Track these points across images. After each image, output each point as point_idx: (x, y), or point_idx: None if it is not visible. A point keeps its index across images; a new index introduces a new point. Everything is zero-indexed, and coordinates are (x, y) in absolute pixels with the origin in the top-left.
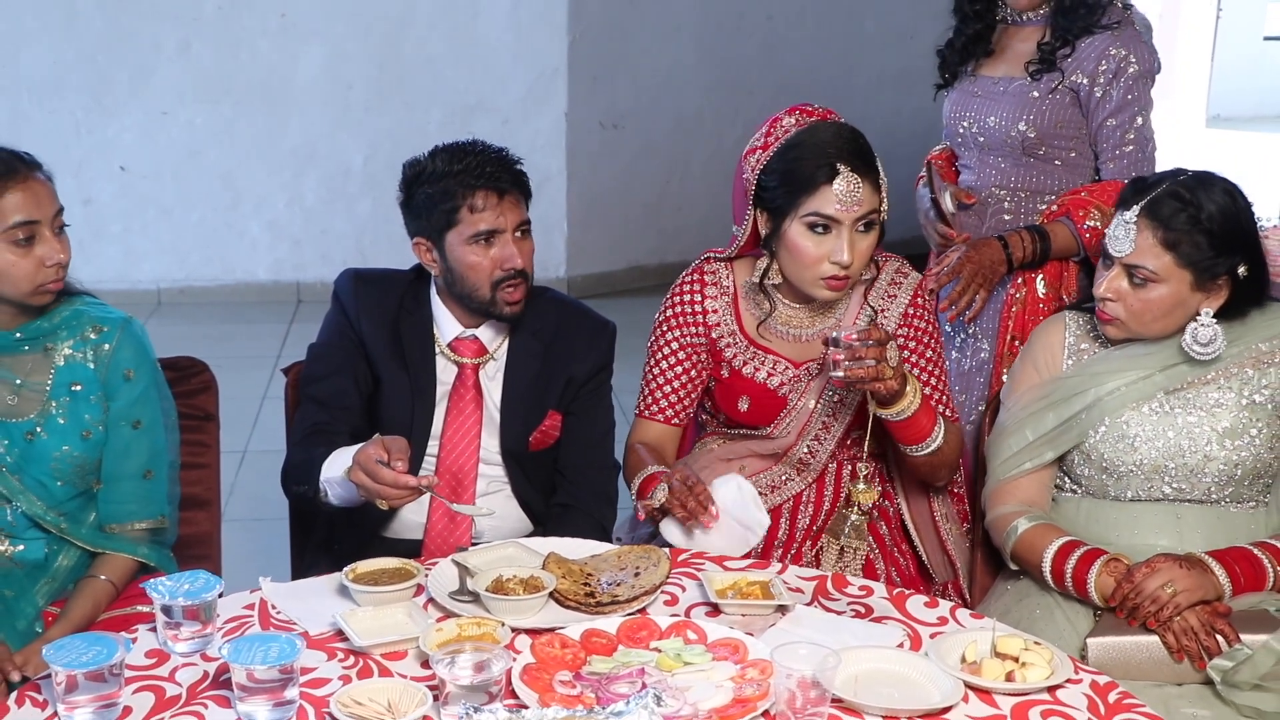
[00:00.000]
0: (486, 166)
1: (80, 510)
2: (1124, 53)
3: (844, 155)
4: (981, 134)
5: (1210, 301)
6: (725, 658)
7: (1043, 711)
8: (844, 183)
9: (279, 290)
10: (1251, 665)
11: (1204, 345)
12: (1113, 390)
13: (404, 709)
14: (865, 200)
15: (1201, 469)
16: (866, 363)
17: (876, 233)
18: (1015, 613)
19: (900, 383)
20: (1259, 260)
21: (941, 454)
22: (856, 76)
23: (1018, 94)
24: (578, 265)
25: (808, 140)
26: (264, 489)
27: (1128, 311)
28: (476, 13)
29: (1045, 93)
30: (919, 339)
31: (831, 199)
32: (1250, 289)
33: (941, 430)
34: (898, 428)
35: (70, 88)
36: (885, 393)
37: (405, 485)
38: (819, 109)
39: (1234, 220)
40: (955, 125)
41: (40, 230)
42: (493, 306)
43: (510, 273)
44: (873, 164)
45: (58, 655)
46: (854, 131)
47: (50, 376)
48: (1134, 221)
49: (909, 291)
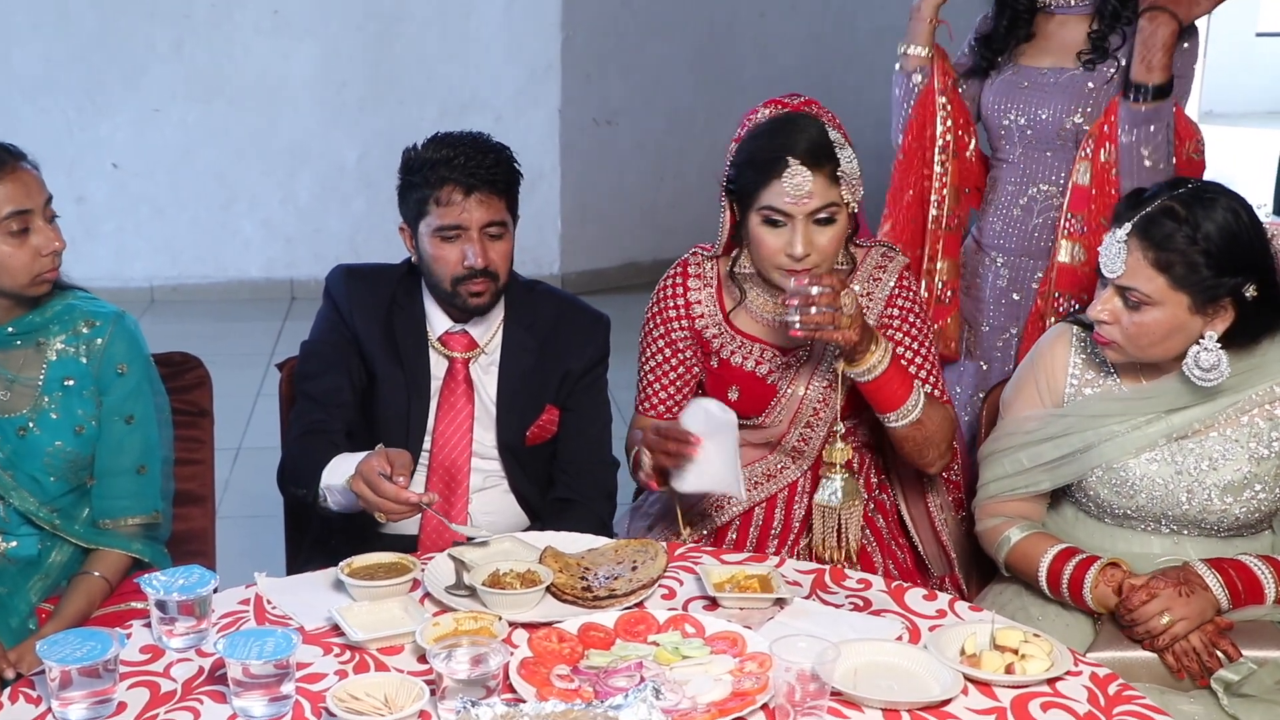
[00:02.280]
0: (460, 159)
1: (73, 506)
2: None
3: (794, 149)
4: (1031, 127)
5: (1214, 325)
6: (724, 651)
7: (1042, 704)
8: (793, 176)
9: (272, 288)
10: (1256, 680)
11: (1206, 371)
12: (1111, 436)
13: (401, 704)
14: (817, 194)
15: (1201, 518)
16: (821, 309)
17: (840, 225)
18: (1012, 607)
19: (859, 334)
20: (1271, 281)
21: (924, 428)
22: (849, 74)
23: (1070, 85)
24: (571, 262)
25: (767, 132)
26: (259, 485)
27: (1124, 335)
28: (469, 10)
29: (1100, 83)
30: (904, 319)
31: (782, 192)
32: (1260, 312)
33: (920, 401)
34: (870, 391)
35: (63, 86)
36: (844, 343)
37: (406, 501)
38: (797, 100)
39: (1236, 239)
40: (998, 119)
41: (33, 219)
42: (455, 299)
43: (470, 271)
44: (828, 157)
45: (52, 651)
46: (812, 123)
47: (43, 371)
48: (1124, 241)
49: (894, 275)
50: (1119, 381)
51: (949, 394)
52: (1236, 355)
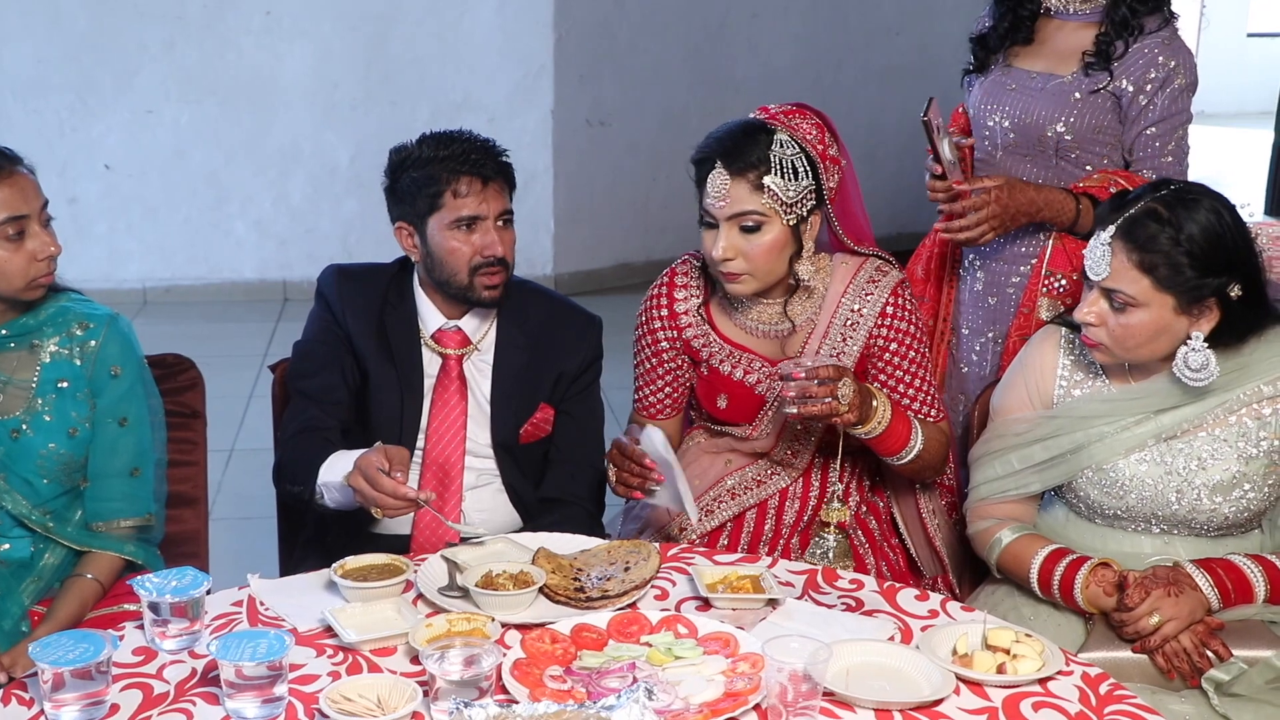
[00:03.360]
0: (472, 154)
1: (66, 509)
2: (1174, 63)
3: (719, 152)
4: (1014, 130)
5: (1199, 325)
6: (716, 652)
7: (1034, 703)
8: (714, 179)
9: (265, 289)
10: (1246, 679)
11: (1195, 371)
12: (1101, 436)
13: (394, 705)
14: (736, 199)
15: (1190, 518)
16: (819, 401)
17: (772, 237)
18: (1004, 607)
19: (859, 413)
20: (1255, 281)
21: (922, 459)
22: (841, 73)
23: (1057, 93)
24: (564, 262)
25: (712, 136)
26: (252, 487)
27: (1110, 336)
28: (463, 11)
29: (1086, 94)
30: (900, 340)
31: (706, 193)
32: (1245, 311)
33: (919, 438)
34: (872, 443)
35: (55, 87)
36: (843, 425)
37: (404, 496)
38: (786, 107)
39: (1219, 240)
40: (984, 119)
41: (29, 224)
42: (470, 291)
43: (489, 260)
44: (754, 165)
45: (44, 653)
46: (743, 129)
47: (36, 373)
48: (1109, 243)
49: (887, 289)
50: (1108, 382)
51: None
52: (1223, 355)
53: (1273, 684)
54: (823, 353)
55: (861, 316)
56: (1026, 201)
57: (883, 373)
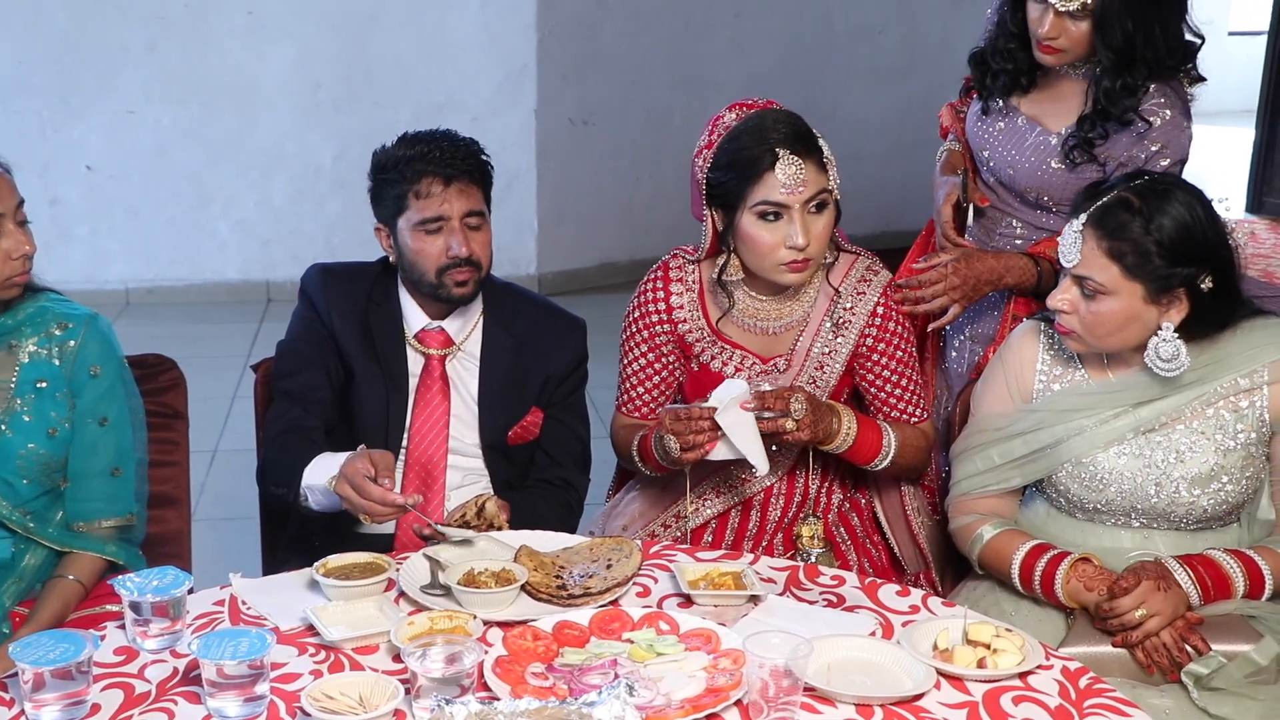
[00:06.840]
0: (435, 153)
1: (47, 509)
2: (1157, 147)
3: (783, 140)
4: (998, 170)
5: (1169, 315)
6: (698, 648)
7: (1014, 697)
8: (786, 167)
9: (248, 290)
10: (1225, 673)
11: (1166, 361)
12: (1080, 430)
13: (375, 703)
14: (810, 181)
15: (1169, 511)
16: (763, 416)
17: (831, 212)
18: (986, 603)
19: (813, 431)
20: (1227, 274)
21: (898, 464)
22: (825, 73)
23: (1042, 152)
24: (548, 262)
25: (746, 131)
26: (235, 488)
27: (1082, 324)
28: (445, 10)
29: (1070, 167)
30: (889, 340)
31: (776, 185)
32: (1217, 304)
33: (893, 446)
34: (842, 456)
35: (36, 88)
36: (795, 442)
37: (392, 503)
38: (759, 101)
39: (1189, 231)
40: (977, 148)
41: (4, 224)
42: (441, 290)
43: (455, 260)
44: (813, 144)
45: (24, 653)
46: (790, 115)
47: (15, 374)
48: (1080, 230)
49: (878, 290)
50: (1086, 376)
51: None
52: (1198, 348)
53: (1251, 678)
54: (813, 351)
55: (853, 315)
56: (987, 270)
57: (870, 372)
